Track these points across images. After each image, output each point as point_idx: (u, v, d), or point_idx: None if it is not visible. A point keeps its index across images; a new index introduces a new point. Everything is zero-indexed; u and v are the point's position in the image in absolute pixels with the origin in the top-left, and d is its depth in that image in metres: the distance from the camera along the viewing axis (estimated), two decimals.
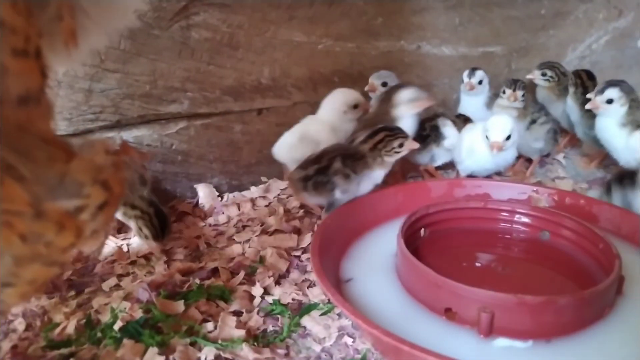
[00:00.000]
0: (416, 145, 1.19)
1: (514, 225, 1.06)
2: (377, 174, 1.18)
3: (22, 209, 0.48)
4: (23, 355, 0.80)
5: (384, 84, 1.41)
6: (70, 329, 0.85)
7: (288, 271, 1.03)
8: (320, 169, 1.13)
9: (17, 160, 0.47)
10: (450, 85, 1.64)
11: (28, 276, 0.51)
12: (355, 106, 1.32)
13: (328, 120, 1.32)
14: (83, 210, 0.53)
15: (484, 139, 1.29)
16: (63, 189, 0.52)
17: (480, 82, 1.52)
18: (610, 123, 1.32)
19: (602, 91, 1.30)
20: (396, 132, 1.18)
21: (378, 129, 1.19)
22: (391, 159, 1.17)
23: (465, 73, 1.53)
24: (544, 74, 1.61)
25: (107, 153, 0.57)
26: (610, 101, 1.29)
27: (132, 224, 1.08)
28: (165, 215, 1.10)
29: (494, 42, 1.72)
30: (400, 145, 1.16)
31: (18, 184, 0.47)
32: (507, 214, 1.06)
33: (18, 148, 0.47)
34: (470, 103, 1.55)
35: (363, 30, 1.48)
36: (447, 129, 1.38)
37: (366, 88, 1.42)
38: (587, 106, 1.32)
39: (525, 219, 1.05)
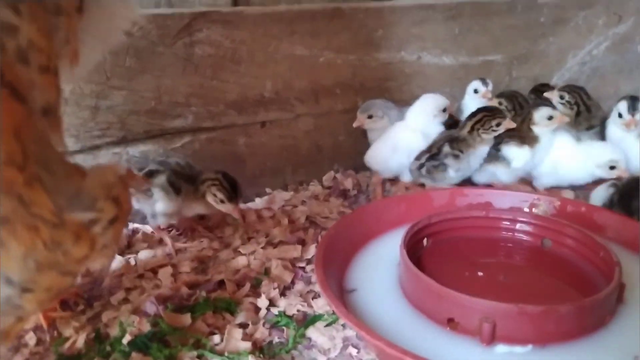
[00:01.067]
0: (513, 124, 1.32)
1: (516, 234, 1.07)
2: (482, 150, 1.36)
3: (47, 216, 0.51)
4: None
5: (370, 117, 1.44)
6: (80, 343, 0.87)
7: (293, 282, 1.04)
8: (431, 156, 1.36)
9: (41, 171, 0.50)
10: (452, 94, 1.66)
11: (45, 283, 0.53)
12: (444, 110, 1.41)
13: (418, 126, 1.39)
14: (96, 223, 0.57)
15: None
16: (79, 202, 0.55)
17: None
18: (628, 135, 1.35)
19: (636, 108, 1.34)
20: (495, 112, 1.34)
21: (478, 110, 1.36)
22: (489, 136, 1.34)
23: (479, 83, 1.56)
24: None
25: (115, 174, 0.60)
26: None
27: (207, 197, 1.17)
28: (233, 177, 1.19)
29: (494, 51, 1.75)
30: (498, 125, 1.32)
31: (45, 193, 0.50)
32: (509, 223, 1.07)
33: (41, 160, 0.51)
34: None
35: (364, 43, 1.51)
36: (512, 150, 1.38)
37: (355, 125, 1.45)
38: (622, 125, 1.35)
39: (527, 227, 1.06)
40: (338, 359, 0.84)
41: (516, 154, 1.37)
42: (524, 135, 1.37)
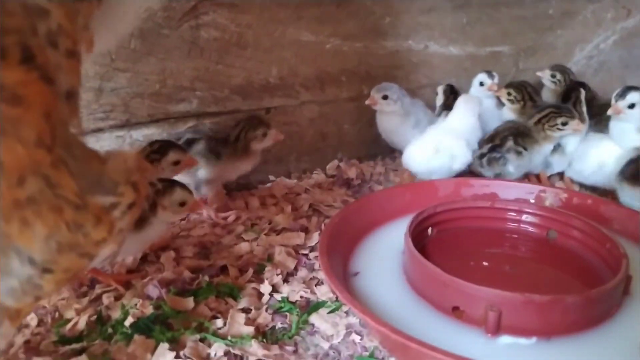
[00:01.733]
0: (581, 126, 1.30)
1: (522, 225, 1.06)
2: (545, 148, 1.35)
3: (71, 198, 0.51)
4: (36, 350, 0.82)
5: (385, 97, 1.41)
6: (82, 324, 0.87)
7: (296, 269, 1.03)
8: (493, 147, 1.32)
9: (65, 154, 0.51)
10: (458, 85, 1.64)
11: (65, 264, 0.53)
12: None
13: (463, 127, 1.35)
14: (116, 208, 0.58)
15: None
16: (101, 186, 0.56)
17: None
18: (628, 128, 1.29)
19: (623, 95, 1.27)
20: (563, 111, 1.31)
21: (547, 106, 1.35)
22: (555, 134, 1.32)
23: (485, 76, 1.54)
24: (553, 76, 1.61)
25: (135, 160, 0.62)
26: (632, 106, 1.26)
27: (252, 144, 1.24)
28: (256, 114, 1.29)
29: (501, 42, 1.73)
30: (564, 124, 1.29)
31: (69, 175, 0.51)
32: (514, 214, 1.06)
33: (64, 143, 0.51)
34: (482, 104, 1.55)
35: (371, 30, 1.49)
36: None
37: (367, 102, 1.42)
38: (609, 112, 1.30)
39: (532, 219, 1.06)
40: (341, 345, 0.83)
41: (568, 139, 1.36)
42: None
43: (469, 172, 1.42)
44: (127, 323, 0.84)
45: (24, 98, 0.45)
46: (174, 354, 0.77)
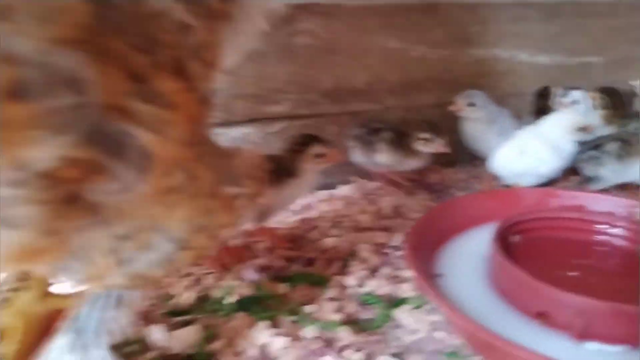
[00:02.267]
0: None
1: (611, 238, 1.05)
2: None
3: (206, 188, 0.59)
4: (151, 319, 0.91)
5: (471, 104, 1.43)
6: (187, 300, 0.96)
7: (380, 266, 1.08)
8: (595, 146, 1.35)
9: (203, 151, 0.59)
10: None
11: (197, 244, 0.62)
12: (583, 129, 1.36)
13: (549, 137, 1.35)
14: (240, 197, 0.66)
15: None
16: (229, 178, 0.64)
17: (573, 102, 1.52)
18: None
19: None
20: None
21: None
22: None
23: (560, 92, 1.52)
24: None
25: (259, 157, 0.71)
26: None
27: (416, 145, 1.33)
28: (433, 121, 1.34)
29: (591, 53, 1.69)
30: None
31: (206, 168, 0.58)
32: (605, 226, 1.05)
33: (202, 141, 0.60)
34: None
35: (457, 38, 1.52)
36: None
37: (452, 108, 1.44)
38: None
39: (622, 232, 1.04)
40: (425, 341, 0.87)
41: None
42: None
43: (571, 169, 1.41)
44: (229, 301, 0.92)
45: (175, 104, 0.53)
46: (272, 330, 0.84)
